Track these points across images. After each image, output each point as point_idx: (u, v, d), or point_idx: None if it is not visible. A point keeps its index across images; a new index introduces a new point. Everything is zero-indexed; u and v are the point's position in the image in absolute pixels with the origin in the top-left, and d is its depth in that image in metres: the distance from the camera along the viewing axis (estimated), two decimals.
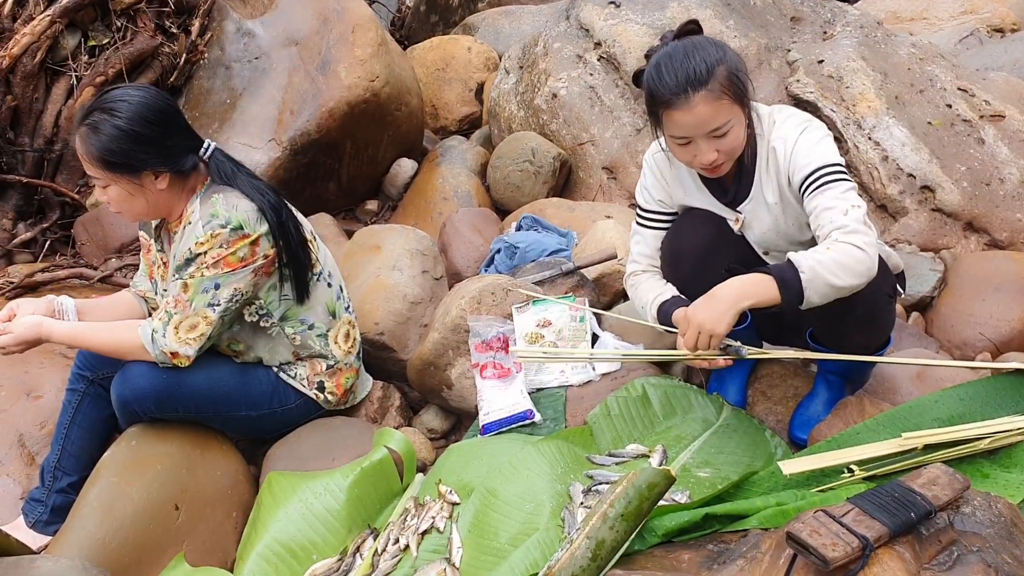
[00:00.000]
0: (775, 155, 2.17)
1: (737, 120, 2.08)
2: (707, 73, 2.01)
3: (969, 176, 3.41)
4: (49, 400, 2.71)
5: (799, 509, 1.80)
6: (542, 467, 2.20)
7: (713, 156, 2.09)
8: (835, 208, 2.03)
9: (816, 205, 2.06)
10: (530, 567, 1.91)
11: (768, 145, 2.18)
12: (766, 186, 2.22)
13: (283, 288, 2.44)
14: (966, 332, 2.90)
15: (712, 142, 2.08)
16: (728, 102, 2.04)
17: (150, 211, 2.35)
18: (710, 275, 2.26)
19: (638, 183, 2.45)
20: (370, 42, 3.98)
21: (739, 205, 2.28)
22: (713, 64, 2.03)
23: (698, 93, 2.01)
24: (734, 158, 2.16)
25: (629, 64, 3.91)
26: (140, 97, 2.24)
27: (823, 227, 2.04)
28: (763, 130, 2.20)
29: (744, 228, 2.31)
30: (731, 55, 2.09)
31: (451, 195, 3.99)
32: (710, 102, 2.02)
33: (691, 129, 2.06)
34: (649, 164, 2.39)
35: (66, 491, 2.42)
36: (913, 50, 3.85)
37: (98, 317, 2.54)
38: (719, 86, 2.02)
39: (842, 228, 2.00)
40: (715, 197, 2.31)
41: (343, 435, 2.54)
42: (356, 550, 2.19)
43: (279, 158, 3.78)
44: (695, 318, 2.02)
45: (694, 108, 2.02)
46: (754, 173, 2.23)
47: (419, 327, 2.92)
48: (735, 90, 2.05)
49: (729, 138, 2.08)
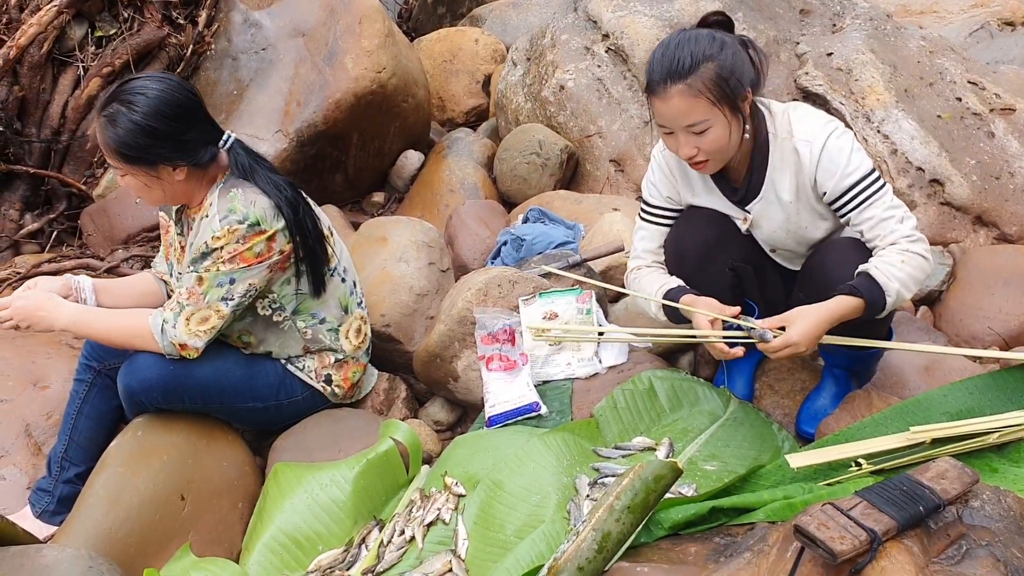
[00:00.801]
0: (797, 156, 2.14)
1: (717, 121, 2.04)
2: (689, 68, 1.99)
3: (979, 170, 3.39)
4: (56, 390, 2.71)
5: (806, 502, 1.80)
6: (548, 459, 2.20)
7: (692, 152, 2.08)
8: (891, 218, 2.09)
9: (870, 217, 2.10)
10: (536, 559, 1.91)
11: (789, 145, 2.15)
12: (780, 185, 2.19)
13: (299, 283, 2.43)
14: (975, 326, 2.89)
15: (691, 138, 2.06)
16: (706, 102, 2.01)
17: (168, 199, 2.36)
18: (713, 274, 2.27)
19: (644, 177, 2.43)
20: (377, 33, 3.97)
21: (748, 204, 2.26)
22: (700, 60, 1.99)
23: (675, 86, 2.00)
24: (720, 160, 2.14)
25: (637, 56, 3.90)
26: (158, 91, 2.20)
27: (883, 237, 2.10)
28: (776, 128, 2.17)
29: (752, 227, 2.30)
30: (729, 54, 2.03)
31: (458, 187, 3.98)
32: (686, 97, 2.00)
33: (668, 120, 2.06)
34: (657, 160, 2.37)
35: (72, 481, 2.42)
36: (923, 43, 3.83)
37: (115, 297, 2.55)
38: (700, 83, 1.99)
39: (908, 237, 2.08)
40: (724, 196, 2.29)
41: (349, 427, 2.54)
42: (362, 541, 2.19)
43: (285, 149, 3.77)
44: (792, 336, 2.04)
45: (669, 100, 2.02)
46: (765, 172, 2.20)
47: (425, 319, 2.92)
48: (718, 92, 2.01)
49: (708, 137, 2.05)
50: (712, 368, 2.72)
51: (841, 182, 2.11)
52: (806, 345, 2.04)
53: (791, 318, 2.06)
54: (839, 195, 2.13)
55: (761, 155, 2.19)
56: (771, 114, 2.18)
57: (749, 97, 2.09)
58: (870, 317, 2.09)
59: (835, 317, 2.05)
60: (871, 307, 2.06)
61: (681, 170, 2.31)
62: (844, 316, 2.06)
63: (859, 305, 2.05)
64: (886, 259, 2.07)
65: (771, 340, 2.05)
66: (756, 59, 2.10)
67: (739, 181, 2.26)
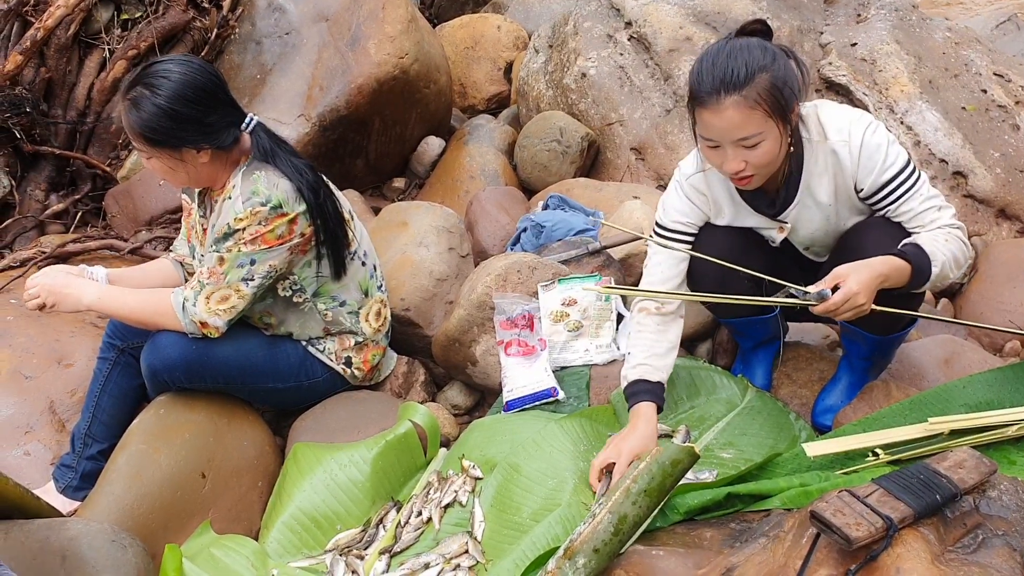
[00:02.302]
0: (836, 157, 2.07)
1: (770, 134, 1.95)
2: (745, 78, 1.89)
3: (1003, 162, 3.36)
4: (80, 368, 2.74)
5: (822, 490, 1.81)
6: (565, 444, 2.21)
7: (740, 166, 1.98)
8: (930, 209, 2.08)
9: (909, 210, 2.08)
10: (552, 541, 1.92)
11: (825, 147, 2.08)
12: (817, 188, 2.12)
13: (319, 266, 2.45)
14: (996, 319, 2.87)
15: (740, 151, 1.96)
16: (762, 114, 1.91)
17: (192, 181, 2.38)
18: (733, 287, 2.20)
19: (661, 200, 2.32)
20: (400, 19, 3.97)
21: (783, 213, 2.19)
22: (755, 70, 1.90)
23: (730, 97, 1.89)
24: (766, 174, 2.04)
25: (660, 44, 3.89)
26: (181, 74, 2.22)
27: (924, 226, 2.08)
28: (809, 133, 2.09)
29: (790, 233, 2.23)
30: (781, 65, 1.94)
31: (478, 174, 3.98)
32: (741, 109, 1.90)
33: (718, 133, 1.95)
34: (681, 187, 2.25)
35: (96, 458, 2.46)
36: (948, 34, 3.80)
37: (131, 286, 2.57)
38: (756, 95, 1.89)
39: (949, 224, 2.07)
40: (757, 211, 2.21)
41: (368, 408, 2.56)
42: (379, 521, 2.21)
43: (308, 134, 3.79)
44: (852, 288, 1.89)
45: (723, 112, 1.90)
46: (800, 179, 2.13)
47: (444, 304, 2.93)
48: (773, 103, 1.91)
49: (759, 151, 1.96)
50: (730, 357, 2.72)
51: (879, 177, 2.05)
52: (866, 295, 1.90)
53: (842, 273, 1.94)
54: (876, 190, 2.07)
55: (796, 162, 2.11)
56: (803, 119, 2.09)
57: (797, 108, 2.01)
58: (914, 287, 2.02)
59: (885, 271, 1.95)
60: (917, 275, 1.99)
61: (711, 192, 2.23)
62: (891, 275, 1.96)
63: (906, 268, 1.98)
64: (932, 235, 2.04)
65: (830, 296, 1.91)
66: (800, 69, 2.01)
67: (774, 192, 2.17)
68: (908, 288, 2.03)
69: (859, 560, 1.39)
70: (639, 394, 2.18)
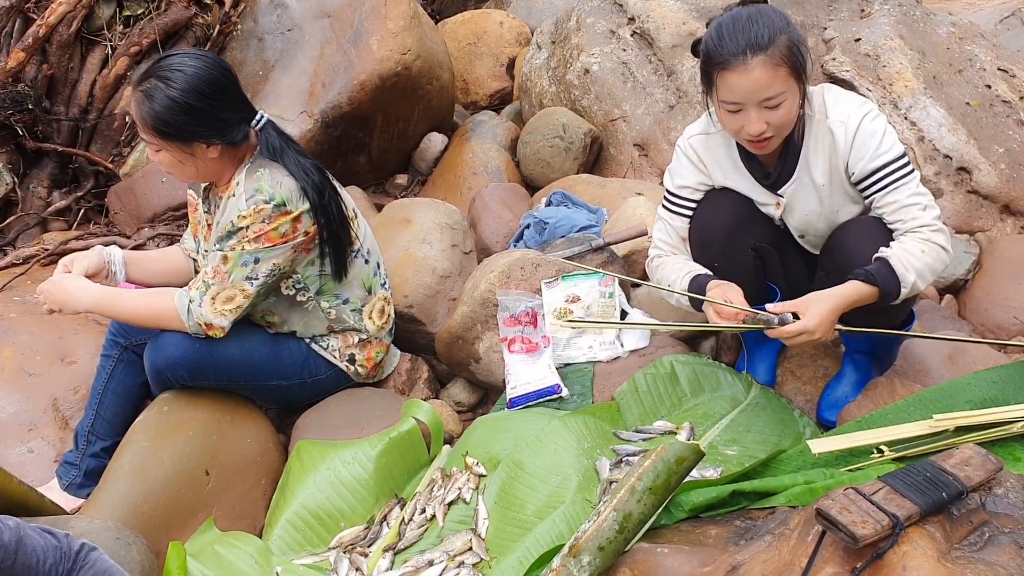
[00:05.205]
0: (832, 137, 2.14)
1: (791, 93, 2.05)
2: (769, 39, 1.99)
3: (1007, 158, 3.35)
4: (83, 365, 2.75)
5: (828, 487, 1.80)
6: (569, 441, 2.21)
7: (762, 127, 2.05)
8: (914, 205, 2.11)
9: (893, 201, 2.12)
10: (556, 539, 1.92)
11: (823, 127, 2.15)
12: (815, 167, 2.19)
13: (322, 264, 2.44)
14: (1000, 316, 2.86)
15: (763, 112, 2.04)
16: (785, 72, 2.01)
17: (199, 176, 2.38)
18: (737, 255, 2.26)
19: (667, 168, 2.41)
20: (402, 15, 3.96)
21: (781, 187, 2.25)
22: (776, 32, 2.01)
23: (757, 57, 1.99)
24: (783, 135, 2.13)
25: (663, 40, 3.88)
26: (196, 68, 2.22)
27: (905, 222, 2.11)
28: (812, 111, 2.17)
29: (785, 212, 2.28)
30: (795, 28, 2.06)
31: (481, 170, 3.97)
32: (768, 68, 1.99)
33: (744, 94, 2.03)
34: (683, 149, 2.35)
35: (99, 455, 2.46)
36: (952, 29, 3.78)
37: (146, 271, 2.58)
38: (779, 54, 2.00)
39: (929, 226, 2.10)
40: (756, 180, 2.28)
41: (372, 405, 2.56)
42: (383, 519, 2.21)
43: (310, 130, 3.78)
44: (808, 324, 2.04)
45: (751, 72, 1.99)
46: (800, 154, 2.20)
47: (448, 300, 2.93)
48: (794, 62, 2.02)
49: (780, 111, 2.05)
50: (734, 353, 2.71)
51: (870, 163, 2.11)
52: (821, 332, 2.05)
53: (806, 303, 2.07)
54: (866, 175, 2.13)
55: (796, 137, 2.18)
56: (808, 97, 2.16)
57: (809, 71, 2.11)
58: (884, 305, 2.11)
59: (848, 303, 2.07)
60: (885, 296, 2.08)
61: (709, 153, 2.30)
62: (858, 302, 2.08)
63: (873, 292, 2.07)
64: (906, 247, 2.08)
65: (789, 322, 2.05)
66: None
67: (772, 165, 2.25)
68: (878, 305, 2.10)
69: (865, 558, 1.39)
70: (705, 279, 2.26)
